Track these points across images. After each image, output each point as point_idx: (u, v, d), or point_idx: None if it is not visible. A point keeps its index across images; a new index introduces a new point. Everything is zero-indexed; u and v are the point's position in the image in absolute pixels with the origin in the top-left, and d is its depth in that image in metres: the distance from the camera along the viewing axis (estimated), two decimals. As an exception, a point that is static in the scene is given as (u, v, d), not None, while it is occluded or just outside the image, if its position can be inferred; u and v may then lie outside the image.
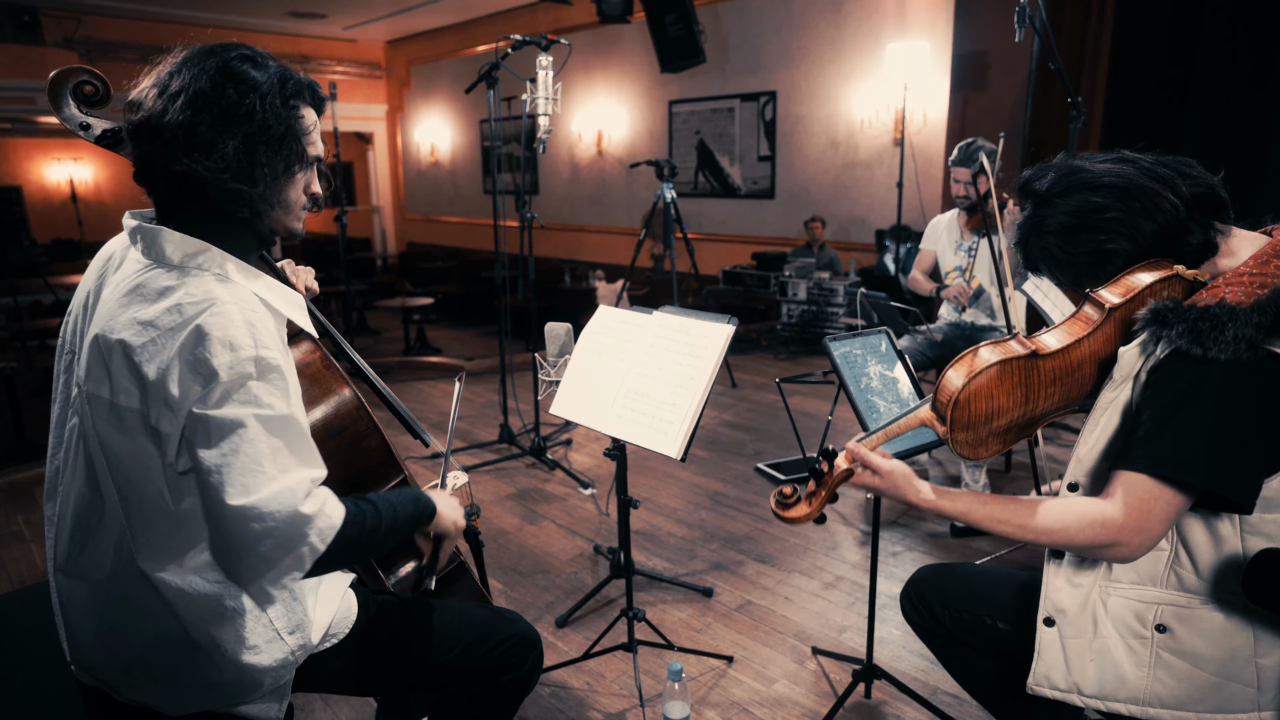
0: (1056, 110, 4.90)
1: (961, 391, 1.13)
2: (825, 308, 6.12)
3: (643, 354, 1.97)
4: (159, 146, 1.02)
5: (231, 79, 1.03)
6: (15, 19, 8.31)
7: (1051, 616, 1.22)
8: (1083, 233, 1.17)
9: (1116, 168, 1.18)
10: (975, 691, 1.58)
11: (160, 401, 0.99)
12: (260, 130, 1.04)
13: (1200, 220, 1.15)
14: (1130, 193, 1.15)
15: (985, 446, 1.20)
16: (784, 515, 1.23)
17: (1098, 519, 1.09)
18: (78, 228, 10.12)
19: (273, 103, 1.04)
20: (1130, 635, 1.16)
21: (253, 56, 1.07)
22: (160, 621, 1.08)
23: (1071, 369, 1.16)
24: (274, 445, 1.01)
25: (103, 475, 1.07)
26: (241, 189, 1.04)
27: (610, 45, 8.26)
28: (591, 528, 3.20)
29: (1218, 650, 1.12)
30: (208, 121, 1.01)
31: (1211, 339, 1.01)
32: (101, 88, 1.17)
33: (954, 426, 1.15)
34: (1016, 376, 1.14)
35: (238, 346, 0.98)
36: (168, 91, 1.02)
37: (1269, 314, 1.00)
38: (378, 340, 7.80)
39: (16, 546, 3.15)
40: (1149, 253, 1.16)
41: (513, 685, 1.43)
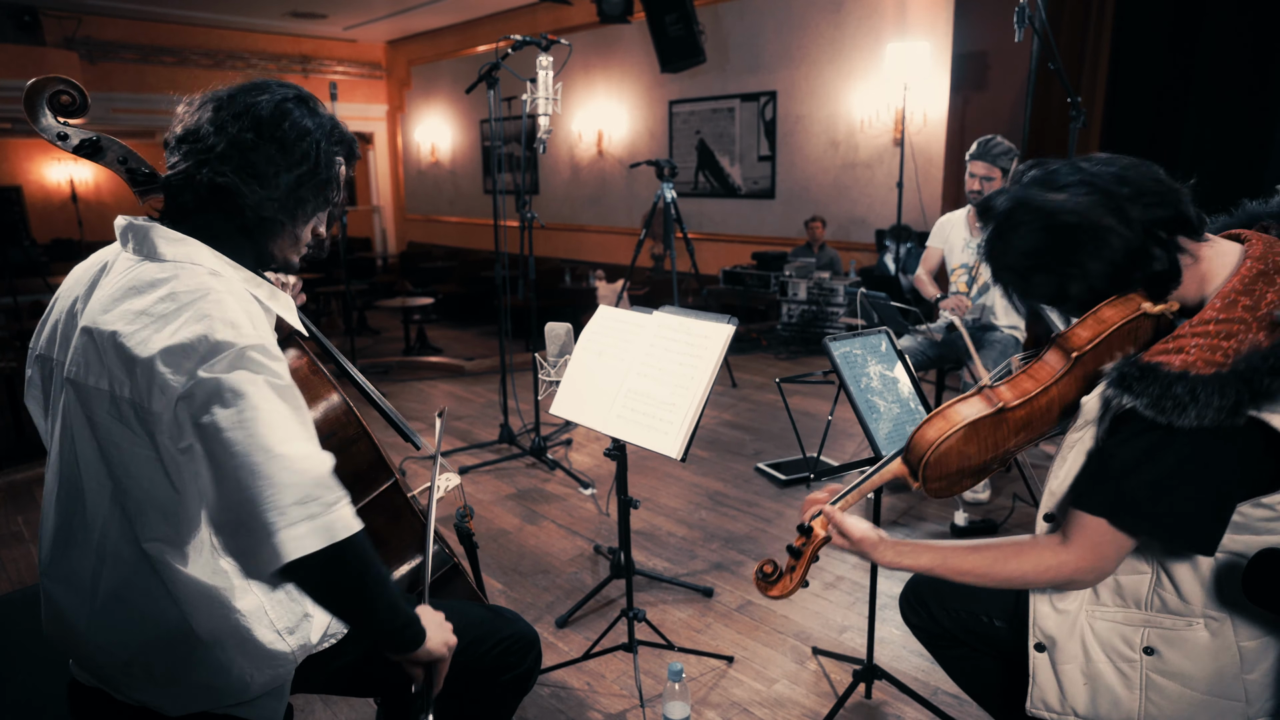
0: (1056, 110, 4.90)
1: (931, 453, 1.19)
2: (825, 307, 6.12)
3: (643, 354, 1.97)
4: (214, 156, 1.06)
5: (287, 116, 1.10)
6: (15, 19, 8.32)
7: (1042, 643, 1.24)
8: (1037, 274, 1.15)
9: (1063, 200, 1.10)
10: (974, 692, 1.58)
11: (150, 379, 0.98)
12: (311, 173, 1.11)
13: (1161, 245, 1.08)
14: (1077, 233, 1.09)
15: (959, 486, 1.26)
16: (769, 593, 1.30)
17: (1053, 564, 1.14)
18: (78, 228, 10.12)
19: (326, 150, 1.13)
20: (1119, 659, 1.18)
21: (307, 99, 1.14)
22: (157, 619, 1.08)
23: (1039, 414, 1.19)
24: (289, 411, 0.99)
25: (88, 473, 1.06)
26: (280, 219, 1.12)
27: (610, 45, 8.26)
28: (592, 528, 3.20)
29: (1205, 670, 1.13)
30: (264, 150, 1.07)
31: (1175, 414, 1.00)
32: (78, 97, 1.17)
33: (926, 481, 1.22)
34: (984, 432, 1.19)
35: (239, 325, 1.00)
36: (225, 110, 1.08)
37: (1229, 396, 0.98)
38: (378, 340, 7.80)
39: (16, 547, 3.15)
40: (1108, 287, 1.12)
41: (512, 684, 1.43)
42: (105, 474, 1.05)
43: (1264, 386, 0.97)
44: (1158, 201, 1.09)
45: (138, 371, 0.99)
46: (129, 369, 1.00)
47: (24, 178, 10.99)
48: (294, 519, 0.94)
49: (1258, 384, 0.97)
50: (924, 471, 1.20)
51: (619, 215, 8.67)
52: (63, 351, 1.09)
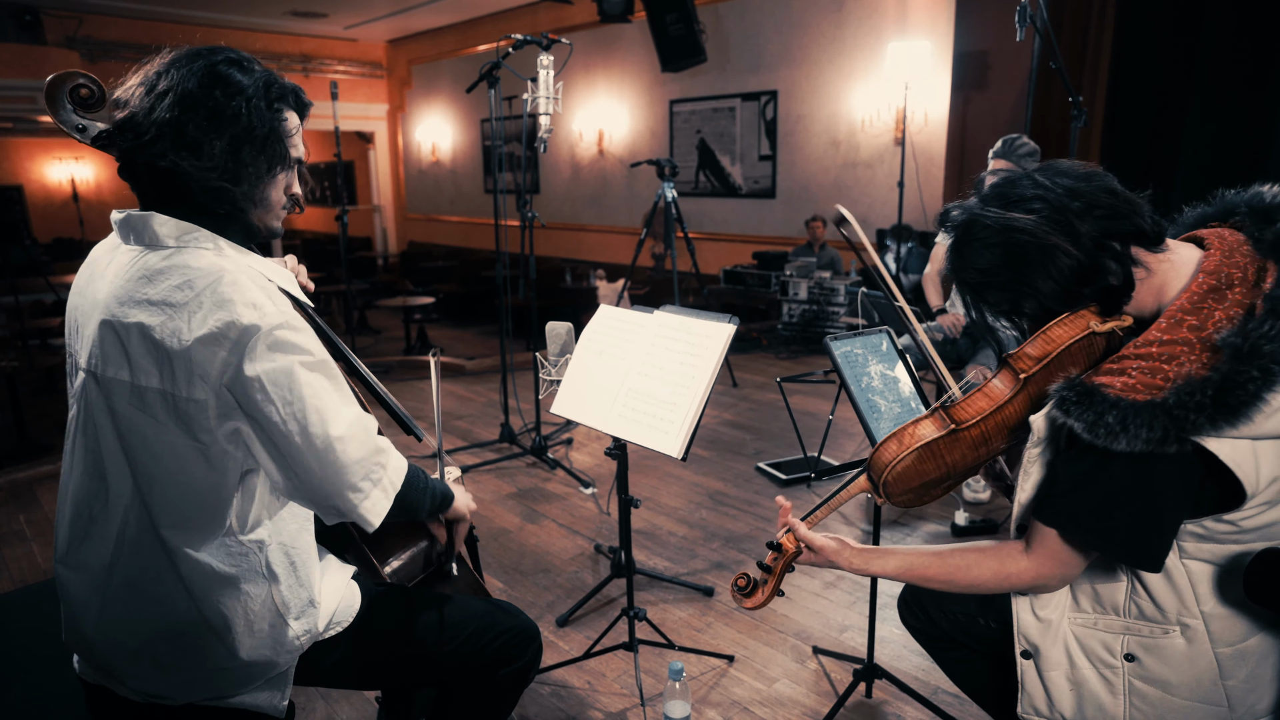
0: (1058, 110, 4.90)
1: (888, 472, 1.23)
2: (826, 307, 6.12)
3: (644, 353, 1.97)
4: (145, 142, 1.05)
5: (218, 81, 1.06)
6: (16, 18, 8.32)
7: (1027, 650, 1.25)
8: (991, 290, 1.16)
9: (1015, 217, 1.10)
10: (973, 692, 1.59)
11: (189, 372, 1.01)
12: (246, 131, 1.07)
13: (1115, 258, 1.08)
14: (1028, 251, 1.09)
15: (928, 497, 1.30)
16: (745, 605, 1.37)
17: (1012, 572, 1.17)
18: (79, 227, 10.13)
19: (257, 105, 1.08)
20: (1102, 665, 1.19)
21: (239, 60, 1.10)
22: (168, 606, 1.09)
23: (994, 431, 1.22)
24: (326, 384, 1.08)
25: (111, 461, 1.07)
26: (225, 186, 1.08)
27: (611, 44, 8.26)
28: (592, 527, 3.21)
29: (1184, 677, 1.14)
30: (195, 121, 1.04)
31: (1108, 440, 1.01)
32: (97, 91, 1.20)
33: (889, 497, 1.27)
34: (940, 451, 1.23)
35: (259, 305, 1.03)
36: (155, 90, 1.06)
37: (1157, 430, 0.98)
38: (379, 339, 7.81)
39: (18, 545, 3.15)
40: (1060, 305, 1.12)
41: (512, 677, 1.44)
42: (126, 464, 1.07)
43: (1190, 422, 0.97)
44: (1110, 214, 1.08)
45: (172, 363, 1.01)
46: (159, 361, 1.02)
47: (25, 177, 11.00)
48: (366, 491, 1.13)
49: (1183, 420, 0.97)
50: (885, 489, 1.25)
51: (620, 215, 8.67)
52: (81, 345, 1.10)
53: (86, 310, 1.11)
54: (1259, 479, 1.01)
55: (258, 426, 1.05)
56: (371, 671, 1.35)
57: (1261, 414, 0.97)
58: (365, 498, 1.13)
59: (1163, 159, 4.68)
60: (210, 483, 1.06)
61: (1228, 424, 0.97)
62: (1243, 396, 0.97)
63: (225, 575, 1.09)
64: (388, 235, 12.40)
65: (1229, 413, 0.97)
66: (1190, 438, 0.99)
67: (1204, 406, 0.97)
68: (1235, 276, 1.05)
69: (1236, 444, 1.00)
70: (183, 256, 1.06)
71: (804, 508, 1.40)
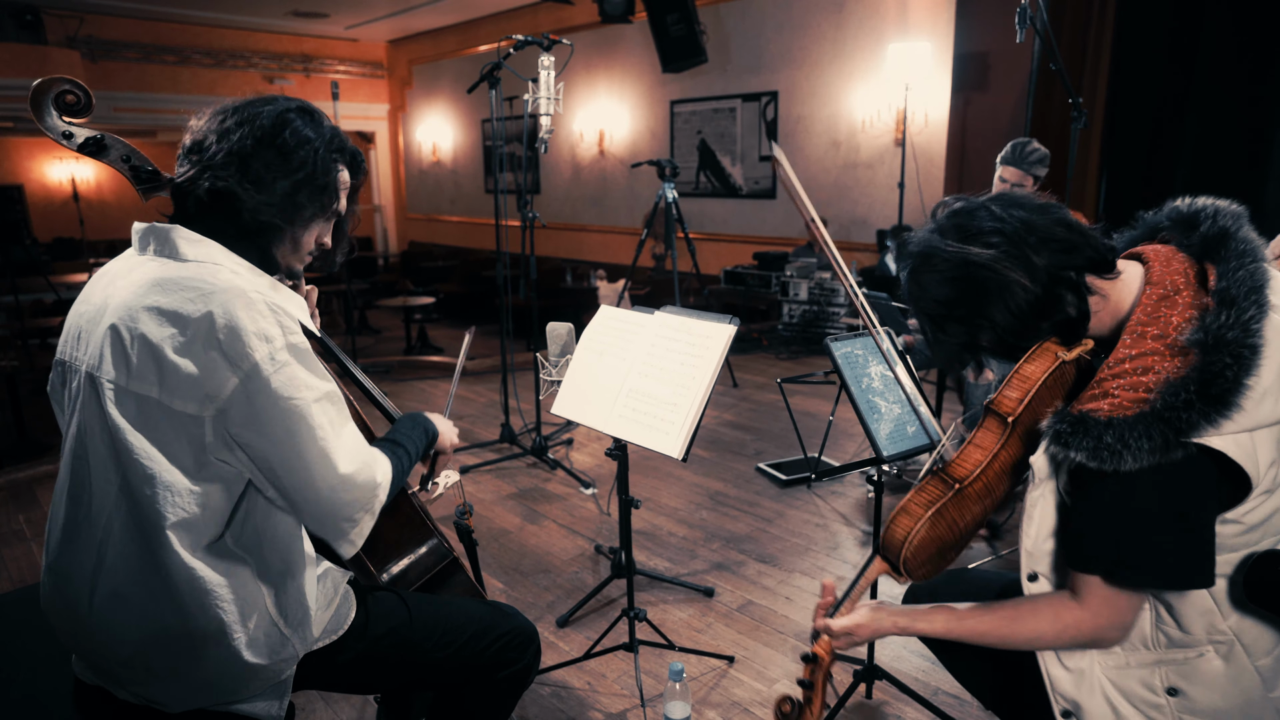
0: (1058, 111, 4.90)
1: (906, 549, 1.21)
2: (826, 308, 6.11)
3: (644, 354, 1.97)
4: (215, 163, 1.10)
5: (289, 126, 1.14)
6: (17, 18, 8.32)
7: (1067, 709, 1.20)
8: (950, 322, 1.16)
9: (972, 251, 1.11)
10: (976, 691, 1.58)
11: (189, 387, 1.02)
12: (309, 179, 1.15)
13: (1072, 289, 1.10)
14: (985, 285, 1.10)
15: (945, 562, 1.26)
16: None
17: (1071, 624, 1.12)
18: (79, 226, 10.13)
19: (324, 157, 1.17)
20: (1147, 706, 1.15)
21: (310, 111, 1.19)
22: (157, 615, 1.08)
23: (995, 479, 1.21)
24: (334, 417, 1.12)
25: (97, 468, 1.07)
26: (278, 224, 1.15)
27: (612, 45, 8.26)
28: (592, 527, 3.21)
29: (1232, 699, 1.11)
30: (264, 157, 1.12)
31: (1114, 461, 1.01)
32: (83, 97, 1.21)
33: (910, 574, 1.23)
34: (950, 514, 1.21)
35: (271, 338, 1.05)
36: (227, 124, 1.13)
37: (1156, 437, 0.99)
38: (379, 339, 7.81)
39: (17, 545, 3.15)
40: (1017, 339, 1.13)
41: (511, 680, 1.44)
42: (115, 470, 1.06)
43: (1183, 421, 0.98)
44: (1065, 248, 1.10)
45: (173, 376, 1.02)
46: (160, 370, 1.02)
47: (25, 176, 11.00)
48: (359, 521, 1.18)
49: (1176, 421, 0.98)
50: (905, 566, 1.22)
51: (620, 215, 8.68)
52: (82, 349, 1.10)
53: (92, 316, 1.11)
54: (1260, 468, 1.02)
55: (259, 454, 1.07)
56: (370, 675, 1.34)
57: (1250, 400, 0.99)
58: (355, 526, 1.17)
59: (1163, 160, 4.68)
60: (198, 494, 1.06)
61: (1220, 415, 0.98)
62: (1224, 385, 0.98)
63: (216, 584, 1.08)
64: (388, 235, 12.41)
65: (1216, 403, 0.98)
66: (1190, 439, 0.99)
67: (1192, 403, 0.98)
68: (1179, 282, 1.08)
69: (1239, 439, 1.00)
70: (201, 271, 1.07)
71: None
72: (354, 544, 1.19)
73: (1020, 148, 3.11)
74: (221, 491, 1.08)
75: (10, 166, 10.86)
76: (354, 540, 1.18)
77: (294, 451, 1.07)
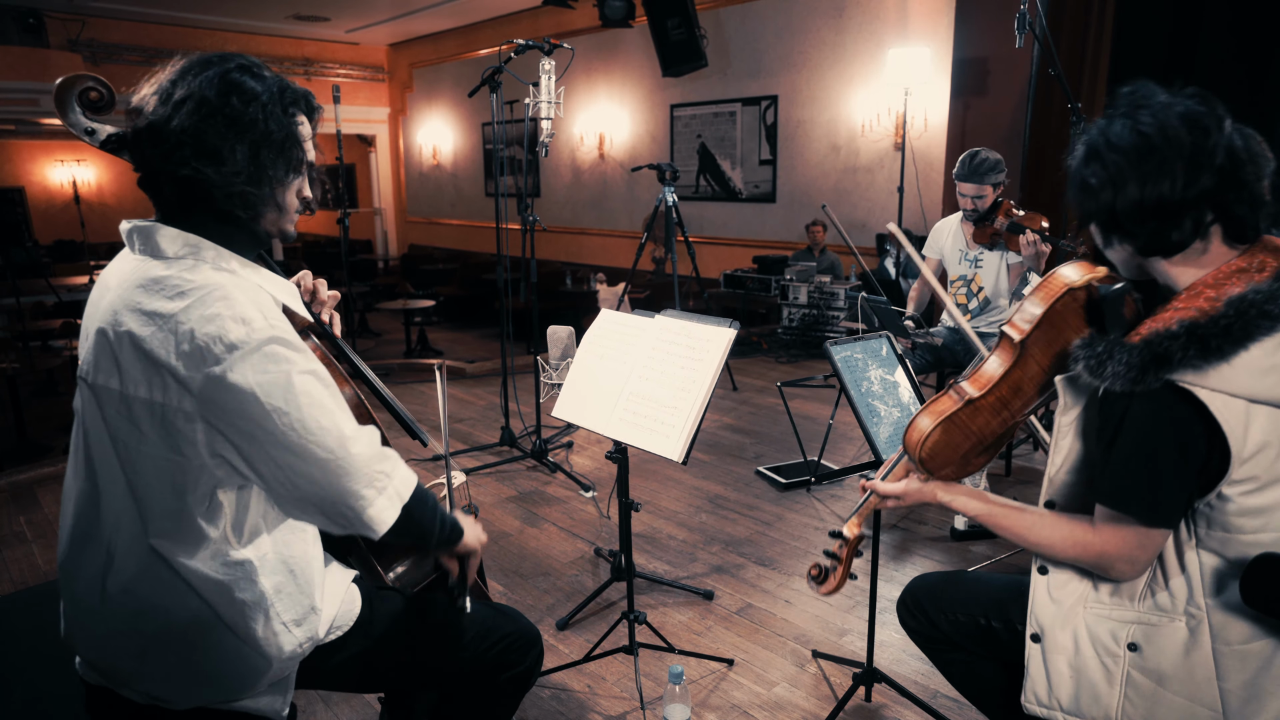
0: (1057, 115, 4.92)
1: (921, 451, 1.32)
2: (826, 311, 6.12)
3: (645, 357, 1.98)
4: (165, 151, 1.06)
5: (234, 88, 1.07)
6: (20, 21, 8.34)
7: (1037, 633, 1.27)
8: (1097, 163, 1.15)
9: (1176, 128, 1.08)
10: (972, 695, 1.59)
11: (176, 384, 1.02)
12: (264, 136, 1.09)
13: (1197, 222, 1.09)
14: (1151, 150, 1.09)
15: (971, 466, 1.37)
16: (821, 591, 1.50)
17: (1081, 540, 1.18)
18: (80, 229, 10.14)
19: (274, 111, 1.10)
20: (1105, 653, 1.20)
21: (250, 67, 1.12)
22: (166, 614, 1.09)
23: (1011, 394, 1.30)
24: (324, 392, 1.08)
25: (102, 468, 1.08)
26: (249, 190, 1.10)
27: (612, 49, 8.28)
28: (592, 530, 3.21)
29: (1179, 670, 1.14)
30: (214, 129, 1.05)
31: (1098, 371, 1.09)
32: (106, 94, 1.21)
33: (931, 472, 1.36)
34: (963, 422, 1.31)
35: (250, 321, 1.03)
36: (172, 99, 1.06)
37: (1136, 356, 1.05)
38: (379, 342, 7.81)
39: (18, 547, 3.15)
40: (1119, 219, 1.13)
41: (513, 682, 1.44)
42: (120, 472, 1.07)
43: (1165, 352, 1.03)
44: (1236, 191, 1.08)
45: (160, 374, 1.02)
46: (148, 370, 1.03)
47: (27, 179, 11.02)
48: (371, 498, 1.12)
49: (1159, 350, 1.04)
50: (925, 466, 1.34)
51: (620, 218, 8.69)
52: (82, 355, 1.11)
53: (88, 321, 1.12)
54: (1246, 441, 1.04)
55: (252, 441, 1.04)
56: (372, 675, 1.35)
57: (1241, 361, 1.02)
58: (370, 504, 1.12)
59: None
60: (192, 496, 1.06)
61: (1200, 358, 1.02)
62: (1214, 330, 1.02)
63: (220, 584, 1.09)
64: (388, 238, 12.42)
65: (1200, 345, 1.02)
66: (1174, 376, 1.04)
67: (1178, 336, 1.03)
68: (1268, 262, 1.09)
69: (1229, 401, 1.03)
70: (181, 268, 1.06)
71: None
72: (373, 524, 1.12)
73: (969, 160, 3.12)
74: (224, 489, 1.08)
75: (12, 169, 10.88)
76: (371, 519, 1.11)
77: (287, 422, 1.03)
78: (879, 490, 1.41)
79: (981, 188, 3.13)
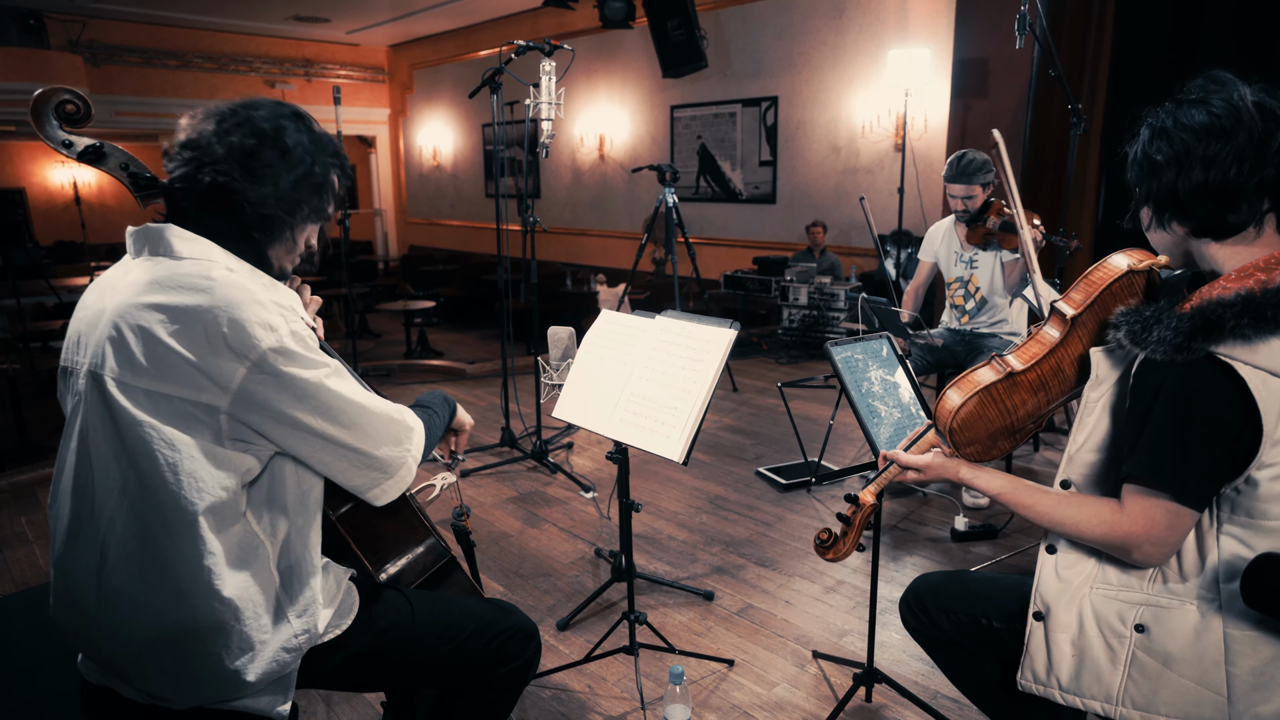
0: (1057, 116, 4.92)
1: (953, 420, 1.29)
2: (826, 312, 6.13)
3: (645, 358, 1.98)
4: (215, 159, 1.12)
5: (287, 130, 1.17)
6: (20, 22, 8.35)
7: (1040, 611, 1.26)
8: (1163, 142, 1.14)
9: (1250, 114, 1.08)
10: (974, 695, 1.59)
11: (201, 378, 1.05)
12: (308, 174, 1.18)
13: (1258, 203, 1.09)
14: (1223, 134, 1.09)
15: (996, 449, 1.34)
16: (827, 557, 1.46)
17: (1107, 518, 1.15)
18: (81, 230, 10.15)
19: (320, 157, 1.20)
20: (1110, 634, 1.20)
21: (305, 117, 1.22)
22: (162, 612, 1.09)
23: (1051, 374, 1.27)
24: (348, 386, 1.16)
25: (99, 467, 1.08)
26: (281, 216, 1.17)
27: (612, 50, 8.29)
28: (593, 531, 3.21)
29: (1188, 652, 1.14)
30: (266, 156, 1.14)
31: (1143, 335, 1.07)
32: (83, 106, 1.24)
33: (958, 447, 1.32)
34: (999, 397, 1.28)
35: (275, 327, 1.07)
36: (226, 123, 1.14)
37: (1184, 324, 1.03)
38: (379, 343, 7.82)
39: (19, 548, 3.15)
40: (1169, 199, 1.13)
41: (512, 676, 1.45)
42: (118, 468, 1.07)
43: (1217, 320, 1.02)
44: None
45: (182, 368, 1.04)
46: (168, 365, 1.04)
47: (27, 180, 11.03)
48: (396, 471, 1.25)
49: (1211, 317, 1.02)
50: (952, 438, 1.31)
51: (620, 219, 8.70)
52: (84, 353, 1.11)
53: (91, 320, 1.11)
54: (1278, 422, 1.03)
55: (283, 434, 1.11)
56: (372, 673, 1.35)
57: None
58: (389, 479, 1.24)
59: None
60: (210, 485, 1.07)
61: (1251, 329, 1.01)
62: (1271, 301, 1.01)
63: (224, 579, 1.09)
64: (388, 239, 12.43)
65: (1255, 314, 1.01)
66: (1218, 347, 1.02)
67: (1233, 304, 1.02)
68: None
69: (1268, 379, 1.02)
70: (199, 267, 1.09)
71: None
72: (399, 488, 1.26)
73: (957, 162, 3.15)
74: (227, 489, 1.08)
75: (12, 170, 10.89)
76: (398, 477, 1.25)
77: (325, 420, 1.12)
78: (900, 461, 1.39)
79: (970, 188, 3.16)
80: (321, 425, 1.12)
